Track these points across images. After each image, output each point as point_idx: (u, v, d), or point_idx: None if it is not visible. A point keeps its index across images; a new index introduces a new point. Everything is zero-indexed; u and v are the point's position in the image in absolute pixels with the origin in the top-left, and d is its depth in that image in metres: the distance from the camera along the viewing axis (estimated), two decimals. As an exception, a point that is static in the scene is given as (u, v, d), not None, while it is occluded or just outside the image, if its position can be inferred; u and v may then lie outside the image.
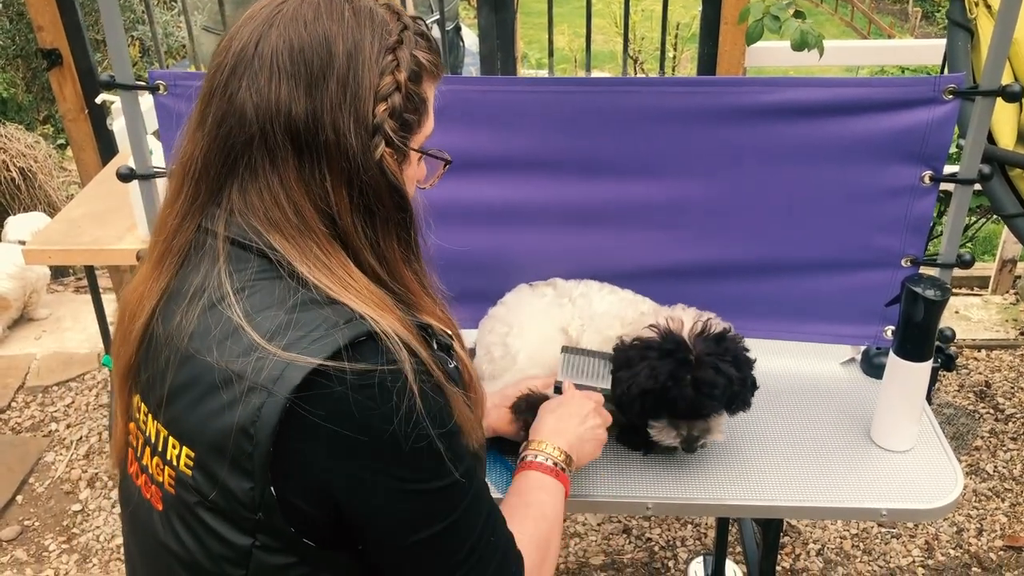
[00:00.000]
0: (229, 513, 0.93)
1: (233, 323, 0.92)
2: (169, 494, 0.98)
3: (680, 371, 1.39)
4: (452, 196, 1.65)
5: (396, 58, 0.97)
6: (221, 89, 0.96)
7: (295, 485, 0.91)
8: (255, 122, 0.94)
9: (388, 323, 0.92)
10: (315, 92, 0.93)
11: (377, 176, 0.96)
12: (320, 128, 0.93)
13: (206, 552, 0.95)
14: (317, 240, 0.95)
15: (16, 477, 2.98)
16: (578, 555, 2.64)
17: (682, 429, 1.44)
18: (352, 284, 0.94)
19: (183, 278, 0.99)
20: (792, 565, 2.58)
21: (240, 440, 0.89)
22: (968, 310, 3.70)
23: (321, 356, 0.88)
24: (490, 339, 1.61)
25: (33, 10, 3.27)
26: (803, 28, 2.42)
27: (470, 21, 5.21)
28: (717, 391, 1.39)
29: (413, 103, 1.00)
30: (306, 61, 0.94)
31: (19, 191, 4.46)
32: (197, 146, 0.98)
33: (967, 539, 2.66)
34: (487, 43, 3.13)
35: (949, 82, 1.49)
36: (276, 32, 0.95)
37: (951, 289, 1.47)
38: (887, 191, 1.59)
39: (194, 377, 0.94)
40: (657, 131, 1.59)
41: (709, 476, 1.50)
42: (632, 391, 1.41)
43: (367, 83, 0.95)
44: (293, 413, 0.88)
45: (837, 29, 10.75)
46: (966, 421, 3.11)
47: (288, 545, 0.93)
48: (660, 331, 1.44)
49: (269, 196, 0.95)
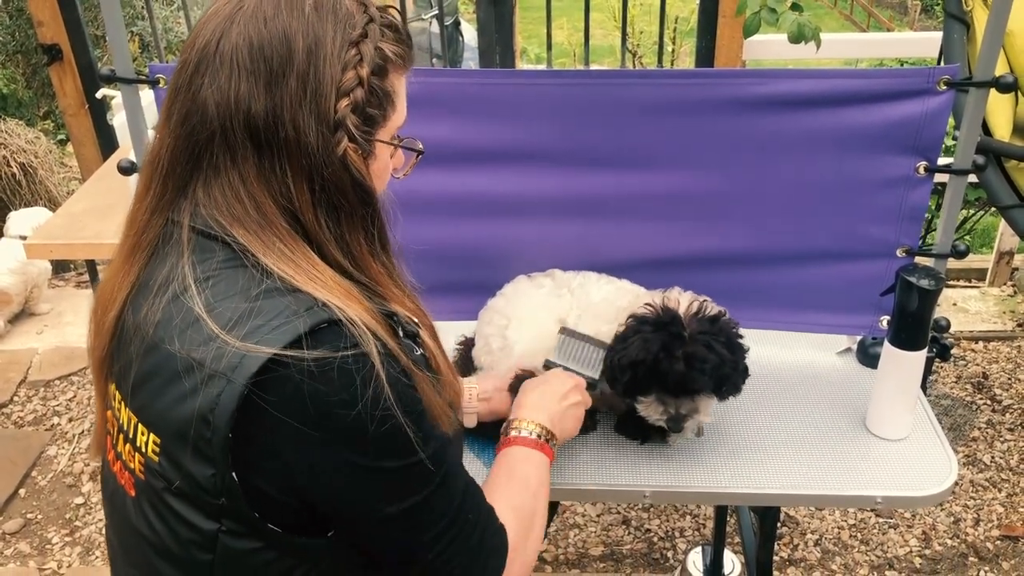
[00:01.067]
0: (194, 498, 0.94)
1: (194, 313, 0.93)
2: (140, 480, 0.99)
3: (673, 345, 1.39)
4: (450, 189, 1.66)
5: (359, 52, 0.96)
6: (185, 86, 0.96)
7: (258, 471, 0.92)
8: (216, 119, 0.94)
9: (353, 311, 0.93)
10: (274, 89, 0.93)
11: (340, 172, 0.96)
12: (280, 125, 0.93)
13: (175, 537, 0.97)
14: (279, 235, 0.95)
15: (19, 471, 3.00)
16: (577, 546, 2.66)
17: (670, 406, 1.44)
18: (317, 276, 0.95)
19: (152, 270, 1.00)
20: (790, 555, 2.60)
21: (200, 427, 0.90)
22: (966, 302, 3.71)
23: (280, 344, 0.89)
24: (488, 330, 1.62)
25: (33, 5, 3.28)
26: (800, 21, 2.43)
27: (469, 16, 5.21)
28: (708, 366, 1.39)
29: (377, 97, 0.99)
30: (265, 58, 0.93)
31: (20, 187, 4.46)
32: (163, 143, 0.99)
33: (964, 529, 2.68)
34: (486, 37, 3.14)
35: (943, 73, 1.50)
36: (237, 29, 0.95)
37: (945, 279, 1.48)
38: (882, 182, 1.60)
39: (159, 365, 0.95)
40: (654, 123, 1.60)
41: (706, 465, 1.51)
42: (623, 361, 1.42)
43: (328, 79, 0.94)
44: (250, 400, 0.89)
45: (836, 23, 10.73)
46: (963, 412, 3.13)
47: (253, 530, 0.94)
48: (656, 307, 1.45)
49: (231, 192, 0.95)
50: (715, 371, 1.40)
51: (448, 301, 1.74)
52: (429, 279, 1.09)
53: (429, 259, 1.68)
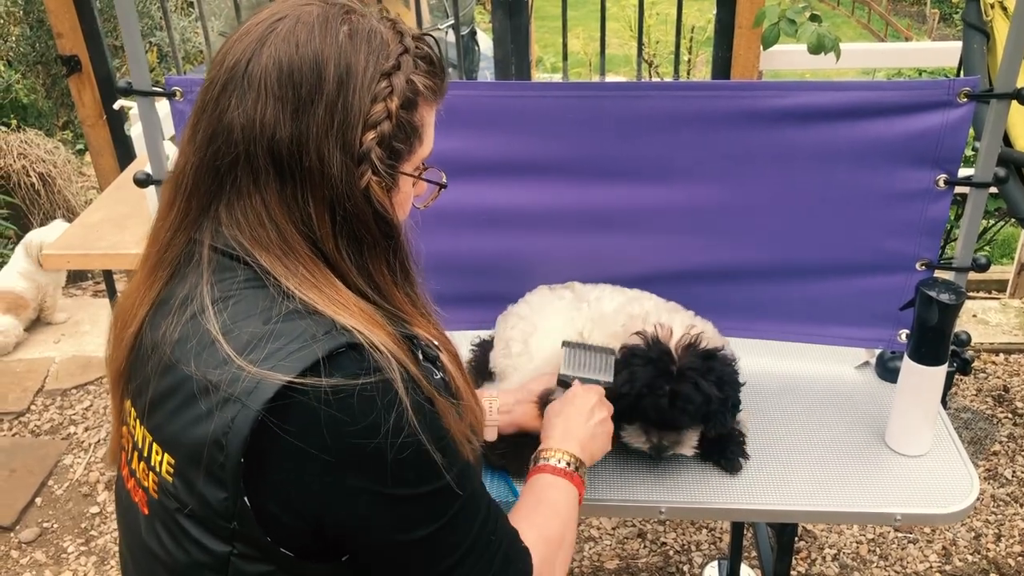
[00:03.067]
0: (206, 521, 0.93)
1: (211, 336, 0.92)
2: (153, 499, 0.99)
3: (659, 381, 1.38)
4: (464, 201, 1.66)
5: (390, 84, 0.95)
6: (212, 105, 0.95)
7: (271, 496, 0.91)
8: (240, 142, 0.93)
9: (376, 337, 0.92)
10: (301, 116, 0.92)
11: (362, 204, 0.95)
12: (304, 153, 0.92)
13: (187, 558, 0.96)
14: (302, 261, 0.94)
15: (35, 479, 3.01)
16: (592, 559, 2.64)
17: (652, 436, 1.44)
18: (339, 300, 0.94)
19: (172, 288, 1.00)
20: (808, 570, 2.57)
21: (213, 451, 0.89)
22: (986, 314, 3.67)
23: (296, 370, 0.88)
24: (511, 334, 1.63)
25: (53, 17, 3.31)
26: (819, 31, 2.42)
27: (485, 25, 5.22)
28: (691, 407, 1.38)
29: (404, 131, 0.98)
30: (294, 84, 0.92)
31: (39, 196, 4.50)
32: (188, 161, 0.98)
33: (985, 545, 2.64)
34: (502, 47, 3.14)
35: (963, 85, 1.49)
36: (268, 52, 0.93)
37: (966, 293, 1.47)
38: (901, 194, 1.58)
39: (175, 386, 0.94)
40: (670, 135, 1.59)
41: (722, 480, 1.50)
42: (610, 392, 1.42)
43: (356, 110, 0.93)
44: (265, 426, 0.88)
45: (854, 32, 10.70)
46: (984, 426, 3.09)
47: (265, 554, 0.93)
48: (647, 338, 1.43)
49: (253, 216, 0.95)
50: (699, 410, 1.39)
51: (463, 312, 1.74)
52: (444, 290, 1.08)
53: (444, 271, 1.68)
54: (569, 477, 1.26)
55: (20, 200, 4.47)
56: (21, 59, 5.46)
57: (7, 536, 2.80)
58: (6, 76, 5.16)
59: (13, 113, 5.16)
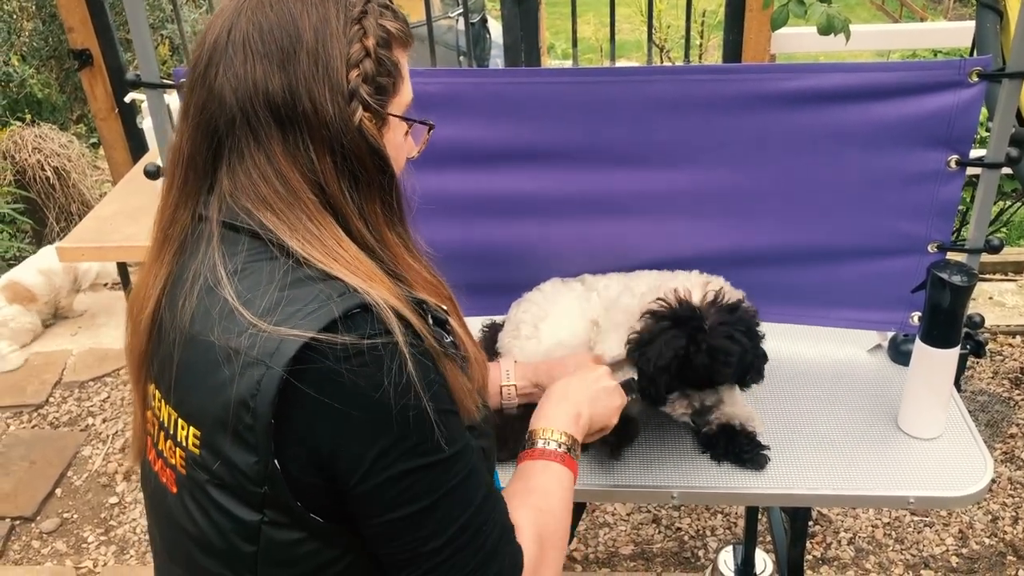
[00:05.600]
0: (236, 488, 0.95)
1: (229, 304, 0.94)
2: (181, 475, 1.00)
3: (695, 340, 1.37)
4: (476, 189, 1.66)
5: (362, 27, 1.00)
6: (200, 80, 1.00)
7: (295, 457, 0.93)
8: (235, 104, 0.97)
9: (379, 293, 0.94)
10: (288, 67, 0.97)
11: (358, 140, 0.99)
12: (297, 100, 0.97)
13: (217, 530, 0.97)
14: (307, 210, 0.97)
15: (55, 471, 3.04)
16: (607, 545, 2.64)
17: (694, 400, 1.43)
18: (343, 255, 0.97)
19: (183, 265, 1.02)
20: (823, 554, 2.57)
21: (241, 412, 0.92)
22: (1002, 296, 3.64)
23: (315, 328, 0.90)
24: (523, 317, 1.65)
25: (64, 11, 3.33)
26: (829, 12, 2.39)
27: (496, 12, 5.20)
28: (733, 359, 1.37)
29: (385, 67, 1.02)
30: (276, 40, 0.97)
31: (54, 190, 4.53)
32: (183, 135, 1.02)
33: (1002, 527, 2.63)
34: (511, 34, 3.13)
35: (975, 65, 1.47)
36: (244, 18, 0.99)
37: (978, 275, 1.46)
38: (913, 176, 1.57)
39: (197, 357, 0.97)
40: (680, 120, 1.58)
41: (720, 463, 1.50)
42: (659, 364, 1.39)
43: (337, 52, 0.98)
44: (290, 385, 0.90)
45: (868, 12, 10.59)
46: (1001, 408, 3.07)
47: (296, 520, 0.95)
48: (671, 303, 1.43)
49: (257, 173, 0.98)
50: (739, 362, 1.39)
51: (476, 300, 1.73)
52: (456, 279, 1.08)
53: (456, 259, 1.68)
54: (562, 460, 1.21)
55: (35, 194, 4.50)
56: (35, 54, 5.49)
57: (28, 526, 2.83)
58: (20, 71, 5.18)
59: (27, 108, 5.19)
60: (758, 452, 1.49)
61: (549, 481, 1.19)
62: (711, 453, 1.51)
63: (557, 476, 1.20)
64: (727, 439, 1.50)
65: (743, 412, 1.52)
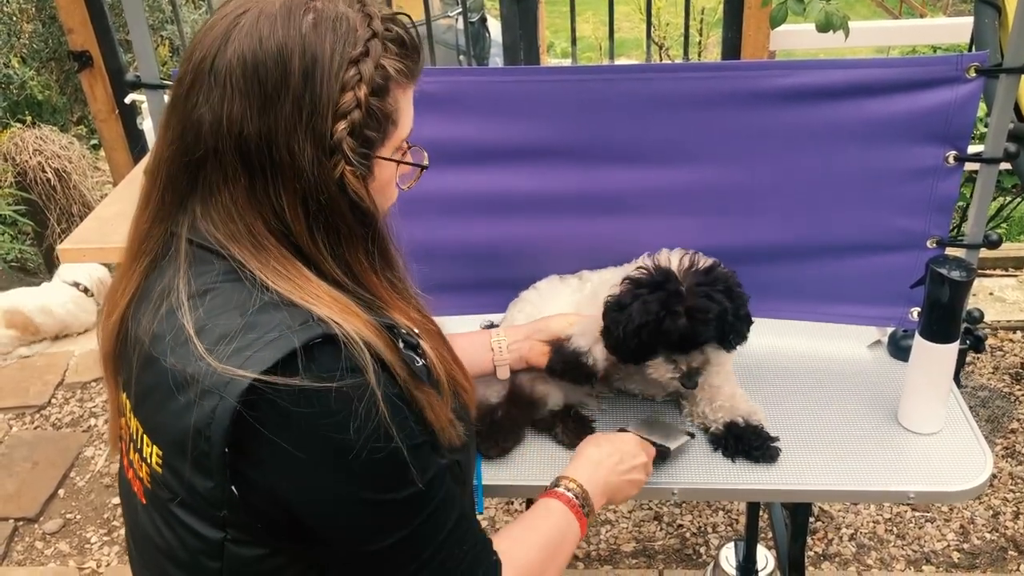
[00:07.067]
0: (197, 509, 0.94)
1: (185, 333, 0.92)
2: (148, 489, 1.00)
3: (672, 302, 1.38)
4: (475, 187, 1.66)
5: (359, 72, 0.93)
6: (182, 101, 0.95)
7: (254, 485, 0.92)
8: (209, 139, 0.93)
9: (351, 326, 0.91)
10: (268, 111, 0.91)
11: (337, 195, 0.94)
12: (274, 148, 0.92)
13: (183, 545, 0.97)
14: (273, 256, 0.94)
15: (58, 472, 3.05)
16: (609, 542, 2.65)
17: (680, 363, 1.44)
18: (313, 291, 0.94)
19: (152, 281, 1.00)
20: (825, 550, 2.57)
21: (198, 441, 0.90)
22: (1003, 291, 3.64)
23: (270, 361, 0.88)
24: (517, 317, 1.66)
25: (63, 13, 3.33)
26: (828, 9, 2.40)
27: (495, 12, 5.20)
28: (711, 316, 1.38)
29: (376, 119, 0.96)
30: (260, 79, 0.91)
31: (55, 192, 4.53)
32: (162, 156, 0.98)
33: (1003, 523, 2.63)
34: (510, 33, 3.13)
35: (972, 60, 1.47)
36: (232, 47, 0.92)
37: (976, 270, 1.46)
38: (911, 172, 1.58)
39: (157, 379, 0.95)
40: (678, 117, 1.58)
41: (735, 460, 1.50)
42: (627, 329, 1.41)
43: (325, 100, 0.92)
44: (242, 418, 0.88)
45: (868, 9, 10.58)
46: (1001, 404, 3.07)
47: (257, 538, 0.95)
48: (648, 268, 1.45)
49: (224, 212, 0.95)
50: (719, 320, 1.39)
51: (475, 297, 1.75)
52: (456, 277, 1.09)
53: (455, 257, 1.70)
54: (575, 511, 1.21)
55: (37, 196, 4.50)
56: (35, 55, 5.49)
57: (31, 527, 2.84)
58: (20, 73, 5.19)
59: (28, 109, 5.19)
60: (768, 445, 1.49)
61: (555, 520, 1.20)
62: (722, 452, 1.51)
63: (564, 519, 1.20)
64: (735, 437, 1.50)
65: (745, 407, 1.53)
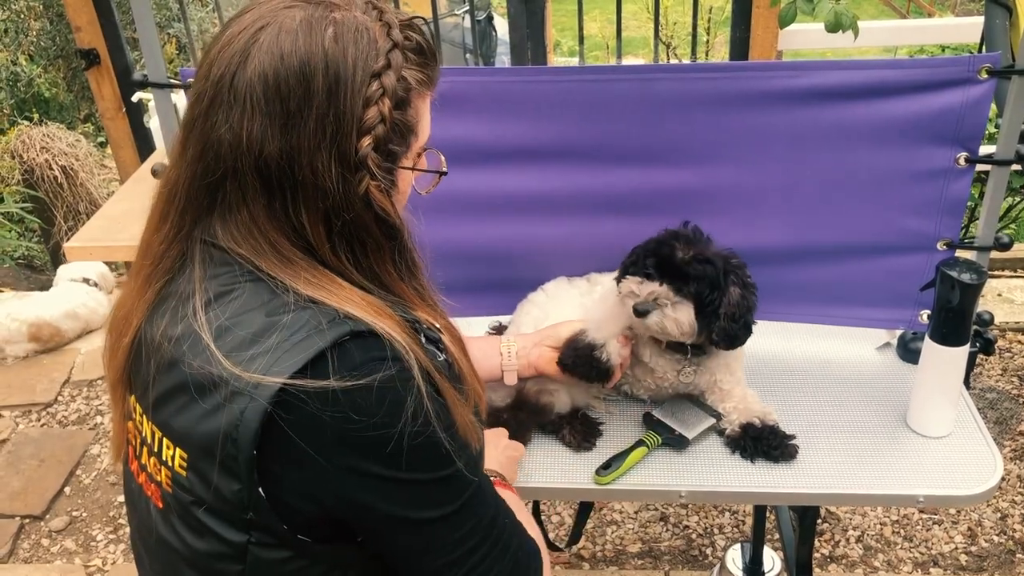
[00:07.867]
0: (222, 512, 0.94)
1: (204, 341, 0.91)
2: (167, 493, 0.99)
3: (684, 239, 1.46)
4: (482, 187, 1.66)
5: (382, 85, 0.92)
6: (201, 120, 0.93)
7: (285, 486, 0.92)
8: (228, 158, 0.92)
9: (386, 324, 0.91)
10: (291, 130, 0.90)
11: (362, 210, 0.94)
12: (296, 167, 0.90)
13: (205, 548, 0.96)
14: (302, 268, 0.94)
15: (64, 469, 3.06)
16: (615, 543, 2.64)
17: (645, 287, 1.45)
18: (345, 295, 0.93)
19: (170, 286, 0.99)
20: (832, 552, 2.57)
21: (226, 444, 0.90)
22: (1011, 292, 3.63)
23: (299, 364, 0.87)
24: (524, 320, 1.66)
25: (71, 11, 3.33)
26: (837, 9, 2.38)
27: (502, 10, 5.20)
28: (708, 267, 1.43)
29: (399, 132, 0.96)
30: (282, 98, 0.90)
31: (62, 189, 4.54)
32: (181, 176, 0.97)
33: (1011, 525, 2.62)
34: (517, 32, 3.12)
35: (984, 61, 1.46)
36: (252, 64, 0.91)
37: (987, 272, 1.45)
38: (921, 174, 1.57)
39: (180, 382, 0.94)
40: (687, 117, 1.58)
41: (742, 463, 1.49)
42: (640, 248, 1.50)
43: (349, 117, 0.91)
44: (274, 419, 0.88)
45: (876, 9, 10.54)
46: (1010, 406, 3.06)
47: (283, 541, 0.94)
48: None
49: (245, 229, 0.94)
50: (712, 275, 1.43)
51: (483, 298, 1.74)
52: (463, 277, 1.08)
53: (463, 258, 1.69)
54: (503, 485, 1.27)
55: (44, 193, 4.52)
56: (42, 53, 5.51)
57: (38, 525, 2.84)
58: (28, 70, 5.20)
59: (35, 107, 5.21)
60: (786, 444, 1.49)
61: None
62: (740, 454, 1.50)
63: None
64: (752, 438, 1.49)
65: (759, 408, 1.52)
